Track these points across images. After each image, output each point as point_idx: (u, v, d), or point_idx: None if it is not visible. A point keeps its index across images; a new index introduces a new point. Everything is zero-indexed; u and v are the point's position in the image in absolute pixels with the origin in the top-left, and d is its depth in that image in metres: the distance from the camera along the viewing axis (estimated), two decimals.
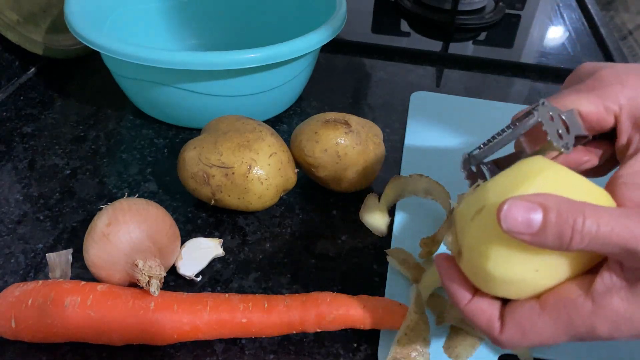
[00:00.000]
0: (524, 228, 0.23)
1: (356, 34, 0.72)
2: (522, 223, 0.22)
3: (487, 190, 0.26)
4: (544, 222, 0.22)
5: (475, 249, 0.25)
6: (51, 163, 0.50)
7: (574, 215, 0.22)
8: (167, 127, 0.55)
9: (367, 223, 0.44)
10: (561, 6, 0.84)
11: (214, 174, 0.40)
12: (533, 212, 0.23)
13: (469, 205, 0.26)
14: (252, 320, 0.33)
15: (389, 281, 0.39)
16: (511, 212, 0.23)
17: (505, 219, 0.23)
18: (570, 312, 0.24)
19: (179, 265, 0.38)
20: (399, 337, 0.33)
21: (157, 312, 0.33)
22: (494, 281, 0.25)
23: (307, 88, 0.60)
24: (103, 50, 0.46)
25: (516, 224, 0.23)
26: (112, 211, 0.35)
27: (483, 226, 0.25)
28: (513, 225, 0.23)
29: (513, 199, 0.23)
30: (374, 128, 0.45)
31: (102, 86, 0.61)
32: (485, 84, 0.65)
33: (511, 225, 0.23)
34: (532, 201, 0.23)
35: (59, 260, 0.37)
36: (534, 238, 0.23)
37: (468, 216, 0.26)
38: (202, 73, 0.47)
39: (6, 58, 0.59)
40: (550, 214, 0.22)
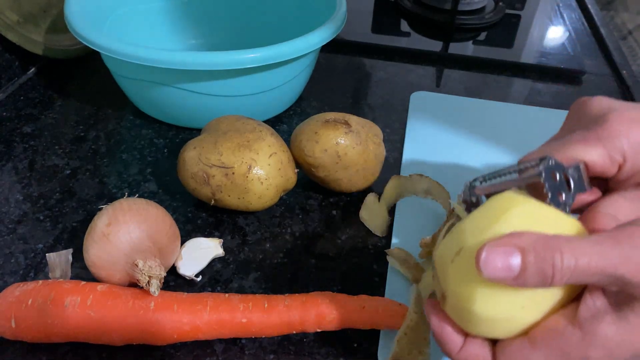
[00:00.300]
0: (504, 273, 0.23)
1: (356, 34, 0.72)
2: (502, 269, 0.23)
3: (463, 231, 0.26)
4: (523, 264, 0.22)
5: (458, 292, 0.25)
6: (51, 163, 0.50)
7: (551, 253, 0.22)
8: (167, 127, 0.55)
9: (367, 223, 0.44)
10: (561, 6, 0.84)
11: (214, 174, 0.40)
12: (511, 256, 0.23)
13: (447, 247, 0.27)
14: (252, 320, 0.33)
15: (389, 281, 0.39)
16: (490, 259, 0.23)
17: (485, 267, 0.23)
18: (560, 343, 0.24)
19: (179, 265, 0.38)
20: (399, 337, 0.33)
21: (157, 312, 0.33)
22: (481, 322, 0.25)
23: (307, 88, 0.60)
24: (103, 50, 0.46)
25: (496, 270, 0.23)
26: (112, 211, 0.35)
27: (464, 268, 0.25)
28: (493, 273, 0.23)
29: (490, 245, 0.23)
30: (374, 128, 0.45)
31: (102, 86, 0.61)
32: (485, 84, 0.65)
33: (491, 272, 0.23)
34: (508, 245, 0.23)
35: (59, 260, 0.37)
36: (516, 281, 0.23)
37: (448, 259, 0.26)
38: (202, 73, 0.47)
39: (6, 58, 0.59)
40: (528, 256, 0.22)
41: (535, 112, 0.59)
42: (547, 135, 0.59)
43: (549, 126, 0.56)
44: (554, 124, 0.57)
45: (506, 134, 0.55)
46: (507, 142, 0.54)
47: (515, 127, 0.56)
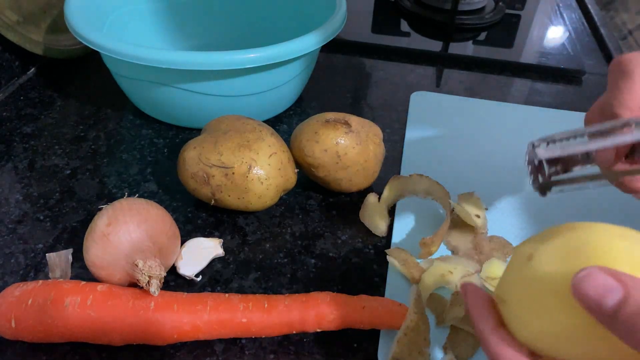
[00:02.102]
0: (593, 304, 0.20)
1: (356, 34, 0.72)
2: (594, 298, 0.20)
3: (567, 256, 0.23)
4: (618, 305, 0.19)
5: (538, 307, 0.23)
6: (51, 163, 0.50)
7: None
8: (167, 127, 0.55)
9: (367, 223, 0.44)
10: (561, 6, 0.84)
11: (214, 174, 0.40)
12: (611, 290, 0.20)
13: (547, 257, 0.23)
14: (252, 320, 0.33)
15: (389, 281, 0.39)
16: (586, 281, 0.20)
17: (578, 287, 0.20)
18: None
19: (179, 265, 0.39)
20: (399, 337, 0.33)
21: (157, 312, 0.33)
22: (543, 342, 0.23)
23: (307, 88, 0.60)
24: (103, 50, 0.46)
25: (586, 297, 0.20)
26: (112, 211, 0.35)
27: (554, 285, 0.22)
28: (583, 297, 0.20)
29: (595, 269, 0.20)
30: (374, 128, 0.45)
31: (102, 86, 0.61)
32: (485, 84, 0.65)
33: (581, 295, 0.20)
34: (615, 277, 0.20)
35: (59, 260, 0.37)
36: (603, 319, 0.20)
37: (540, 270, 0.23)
38: (202, 73, 0.47)
39: (6, 58, 0.59)
40: (630, 301, 0.19)
41: (535, 112, 0.59)
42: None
43: (549, 126, 0.57)
44: (554, 124, 0.57)
45: (506, 134, 0.55)
46: (507, 142, 0.54)
47: (515, 127, 0.56)
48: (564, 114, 0.59)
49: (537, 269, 0.23)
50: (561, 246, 0.23)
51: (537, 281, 0.23)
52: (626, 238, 0.22)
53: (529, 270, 0.23)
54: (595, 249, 0.22)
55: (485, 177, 0.49)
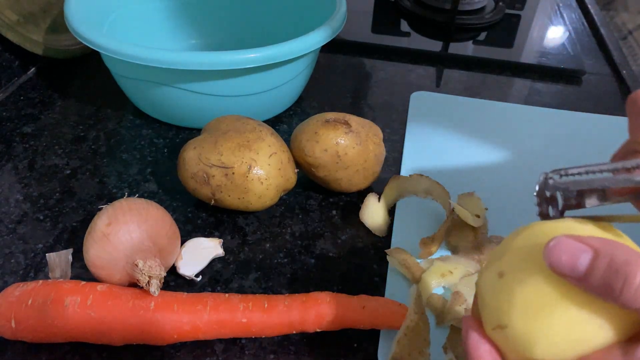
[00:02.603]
0: (567, 268, 0.21)
1: (356, 34, 0.72)
2: (566, 263, 0.21)
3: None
4: (590, 267, 0.21)
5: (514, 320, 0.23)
6: (51, 163, 0.50)
7: (628, 266, 0.20)
8: (167, 127, 0.55)
9: (367, 223, 0.44)
10: (561, 6, 0.84)
11: (214, 174, 0.40)
12: (581, 253, 0.21)
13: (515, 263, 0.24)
14: (252, 320, 0.33)
15: (389, 281, 0.39)
16: (557, 248, 0.21)
17: (550, 255, 0.21)
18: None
19: (179, 265, 0.39)
20: (399, 337, 0.33)
21: (157, 312, 0.33)
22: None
23: (307, 88, 0.60)
24: (103, 50, 0.46)
25: (560, 263, 0.21)
26: (112, 211, 0.35)
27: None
28: (556, 263, 0.21)
29: (563, 236, 0.21)
30: (374, 128, 0.45)
31: (102, 86, 0.61)
32: (485, 84, 0.65)
33: (555, 262, 0.21)
34: (582, 241, 0.21)
35: (59, 260, 0.37)
36: (578, 281, 0.21)
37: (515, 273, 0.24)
38: (202, 73, 0.47)
39: (6, 58, 0.59)
40: (600, 261, 0.20)
41: (535, 112, 0.59)
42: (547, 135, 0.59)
43: (549, 126, 0.57)
44: (554, 124, 0.57)
45: (506, 134, 0.55)
46: (507, 142, 0.54)
47: (515, 127, 0.56)
48: (564, 114, 0.59)
49: (511, 279, 0.24)
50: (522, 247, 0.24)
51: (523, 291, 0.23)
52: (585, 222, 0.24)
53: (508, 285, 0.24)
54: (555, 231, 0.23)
55: (485, 177, 0.49)
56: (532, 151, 0.53)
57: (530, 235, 0.24)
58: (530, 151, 0.53)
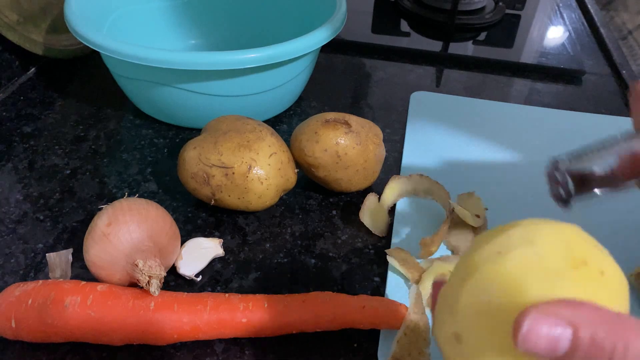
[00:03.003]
0: (546, 349, 0.19)
1: (356, 34, 0.72)
2: (545, 344, 0.19)
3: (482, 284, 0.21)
4: (573, 344, 0.19)
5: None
6: (51, 163, 0.50)
7: (613, 338, 0.18)
8: (167, 127, 0.55)
9: (367, 223, 0.44)
10: (561, 6, 0.84)
11: (214, 174, 0.40)
12: (560, 333, 0.19)
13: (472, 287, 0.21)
14: (252, 320, 0.33)
15: (389, 281, 0.39)
16: (533, 332, 0.19)
17: (525, 340, 0.19)
18: None
19: (179, 265, 0.39)
20: (399, 337, 0.33)
21: (157, 312, 0.33)
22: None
23: (307, 88, 0.60)
24: (103, 50, 0.46)
25: (537, 344, 0.19)
26: (112, 211, 0.35)
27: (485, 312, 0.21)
28: (533, 346, 0.19)
29: (537, 312, 0.19)
30: (374, 128, 0.45)
31: (102, 86, 0.61)
32: (485, 84, 0.65)
33: (530, 346, 0.19)
34: (559, 316, 0.19)
35: (59, 260, 0.37)
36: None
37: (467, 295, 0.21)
38: (202, 73, 0.47)
39: (6, 58, 0.59)
40: (581, 333, 0.18)
41: (535, 112, 0.59)
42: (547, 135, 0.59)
43: (549, 126, 0.57)
44: (554, 124, 0.57)
45: (506, 134, 0.55)
46: (507, 142, 0.54)
47: (515, 127, 0.56)
48: (564, 114, 0.59)
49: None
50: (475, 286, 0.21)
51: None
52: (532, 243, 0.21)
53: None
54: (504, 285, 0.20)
55: (485, 177, 0.49)
56: (532, 151, 0.53)
57: (486, 286, 0.21)
58: (530, 151, 0.53)
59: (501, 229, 0.22)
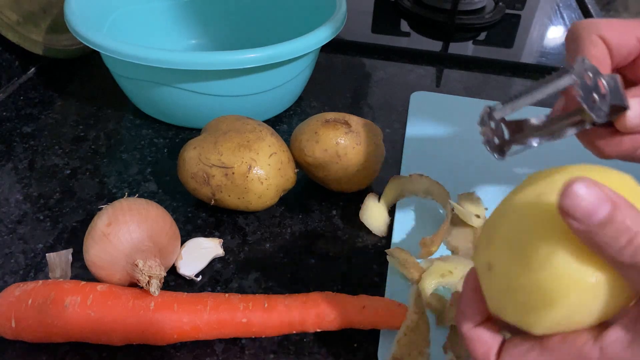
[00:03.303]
0: (582, 214, 0.20)
1: (356, 34, 0.72)
2: (583, 209, 0.20)
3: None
4: (607, 218, 0.20)
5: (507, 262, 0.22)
6: (51, 163, 0.50)
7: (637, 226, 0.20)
8: (167, 127, 0.55)
9: (367, 223, 0.44)
10: (561, 6, 0.84)
11: (214, 174, 0.40)
12: (602, 203, 0.20)
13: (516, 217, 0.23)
14: (252, 320, 0.33)
15: (389, 281, 0.39)
16: (577, 193, 0.20)
17: (566, 197, 0.20)
18: (572, 358, 0.22)
19: (179, 265, 0.38)
20: (399, 337, 0.33)
21: (157, 312, 0.33)
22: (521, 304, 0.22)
23: (307, 88, 0.60)
24: (103, 50, 0.46)
25: (577, 207, 0.20)
26: (112, 211, 0.35)
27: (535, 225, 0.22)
28: (572, 207, 0.20)
29: (587, 182, 0.20)
30: (374, 128, 0.45)
31: (102, 86, 0.61)
32: (485, 84, 0.65)
33: (569, 205, 0.20)
34: (606, 191, 0.20)
35: (59, 260, 0.37)
36: (589, 230, 0.20)
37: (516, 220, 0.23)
38: (202, 73, 0.47)
39: (6, 58, 0.59)
40: (618, 214, 0.20)
41: (535, 112, 0.59)
42: None
43: None
44: None
45: None
46: None
47: None
48: None
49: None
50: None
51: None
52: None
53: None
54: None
55: (485, 177, 0.49)
56: (532, 151, 0.52)
57: (521, 222, 0.23)
58: (530, 151, 0.52)
59: (548, 172, 0.23)
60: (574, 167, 0.23)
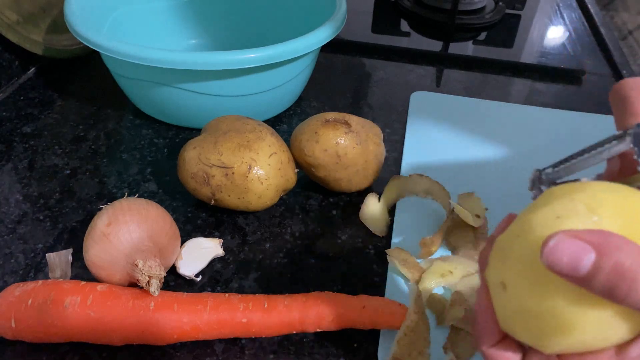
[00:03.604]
0: (568, 269, 0.20)
1: (356, 34, 0.71)
2: (567, 264, 0.20)
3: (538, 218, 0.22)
4: (594, 268, 0.19)
5: (522, 285, 0.22)
6: (51, 163, 0.50)
7: (636, 269, 0.19)
8: (167, 127, 0.55)
9: (367, 223, 0.44)
10: (561, 6, 0.84)
11: (214, 174, 0.40)
12: (584, 254, 0.19)
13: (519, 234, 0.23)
14: (252, 320, 0.33)
15: (389, 281, 0.39)
16: (556, 249, 0.20)
17: (549, 256, 0.20)
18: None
19: (179, 265, 0.38)
20: (399, 337, 0.33)
21: (157, 312, 0.33)
22: (540, 330, 0.22)
23: (307, 88, 0.60)
24: (103, 50, 0.46)
25: (560, 264, 0.20)
26: (112, 211, 0.35)
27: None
28: (556, 265, 0.20)
29: (563, 234, 0.20)
30: (374, 128, 0.45)
31: (102, 86, 0.61)
32: (485, 84, 0.65)
33: (553, 263, 0.20)
34: (585, 239, 0.20)
35: (59, 260, 0.37)
36: (580, 282, 0.20)
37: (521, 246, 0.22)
38: (202, 73, 0.47)
39: (6, 58, 0.59)
40: (604, 261, 0.19)
41: (535, 112, 0.59)
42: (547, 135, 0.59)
43: (549, 126, 0.57)
44: (554, 124, 0.57)
45: (506, 134, 0.55)
46: (507, 142, 0.54)
47: (515, 127, 0.56)
48: (564, 114, 0.59)
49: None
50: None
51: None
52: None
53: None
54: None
55: (485, 177, 0.49)
56: (532, 151, 0.53)
57: (539, 240, 0.22)
58: (530, 151, 0.52)
59: (567, 189, 0.23)
60: (594, 185, 0.23)
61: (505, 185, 0.48)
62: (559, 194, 0.23)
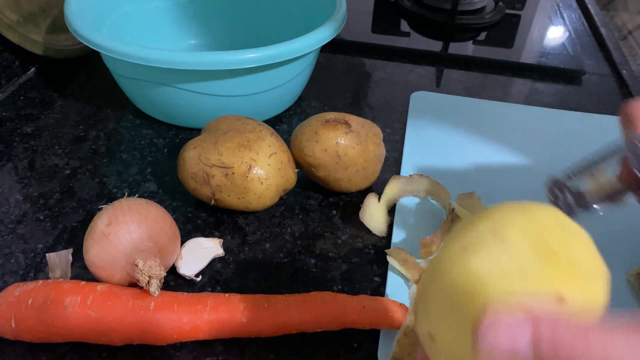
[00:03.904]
0: (507, 353, 0.18)
1: (356, 34, 0.72)
2: (504, 348, 0.18)
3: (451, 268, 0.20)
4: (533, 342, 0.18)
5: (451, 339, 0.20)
6: (51, 163, 0.50)
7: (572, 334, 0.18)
8: (167, 127, 0.55)
9: (367, 223, 0.44)
10: (561, 6, 0.84)
11: (214, 174, 0.40)
12: (521, 329, 0.18)
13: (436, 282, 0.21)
14: (252, 320, 0.33)
15: (389, 281, 0.39)
16: (491, 335, 0.18)
17: (484, 341, 0.18)
18: None
19: (179, 265, 0.39)
20: (399, 337, 0.33)
21: (157, 312, 0.33)
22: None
23: (307, 88, 0.60)
24: (103, 50, 0.46)
25: (498, 348, 0.18)
26: (112, 211, 0.35)
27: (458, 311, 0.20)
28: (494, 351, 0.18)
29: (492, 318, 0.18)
30: (374, 128, 0.45)
31: (102, 86, 0.61)
32: (485, 84, 0.65)
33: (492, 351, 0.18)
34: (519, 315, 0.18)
35: (59, 260, 0.37)
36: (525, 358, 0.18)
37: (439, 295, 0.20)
38: (202, 73, 0.47)
39: (6, 58, 0.59)
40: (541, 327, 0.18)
41: (535, 112, 0.59)
42: (547, 135, 0.59)
43: (548, 126, 0.57)
44: (554, 124, 0.57)
45: (506, 134, 0.55)
46: (507, 142, 0.54)
47: (515, 127, 0.56)
48: (564, 114, 0.59)
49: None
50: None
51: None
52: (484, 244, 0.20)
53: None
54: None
55: (485, 177, 0.49)
56: (532, 151, 0.53)
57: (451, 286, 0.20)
58: (530, 151, 0.53)
59: (471, 221, 0.21)
60: (494, 211, 0.21)
61: (505, 185, 0.48)
62: (464, 226, 0.21)
